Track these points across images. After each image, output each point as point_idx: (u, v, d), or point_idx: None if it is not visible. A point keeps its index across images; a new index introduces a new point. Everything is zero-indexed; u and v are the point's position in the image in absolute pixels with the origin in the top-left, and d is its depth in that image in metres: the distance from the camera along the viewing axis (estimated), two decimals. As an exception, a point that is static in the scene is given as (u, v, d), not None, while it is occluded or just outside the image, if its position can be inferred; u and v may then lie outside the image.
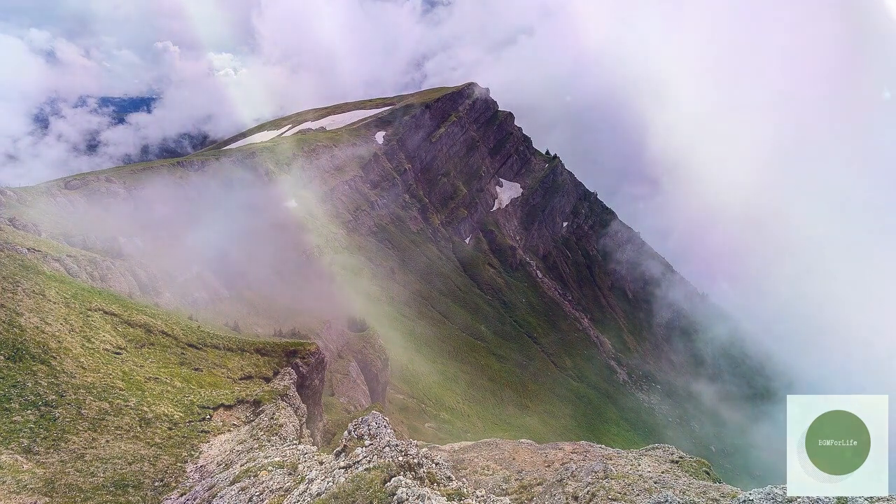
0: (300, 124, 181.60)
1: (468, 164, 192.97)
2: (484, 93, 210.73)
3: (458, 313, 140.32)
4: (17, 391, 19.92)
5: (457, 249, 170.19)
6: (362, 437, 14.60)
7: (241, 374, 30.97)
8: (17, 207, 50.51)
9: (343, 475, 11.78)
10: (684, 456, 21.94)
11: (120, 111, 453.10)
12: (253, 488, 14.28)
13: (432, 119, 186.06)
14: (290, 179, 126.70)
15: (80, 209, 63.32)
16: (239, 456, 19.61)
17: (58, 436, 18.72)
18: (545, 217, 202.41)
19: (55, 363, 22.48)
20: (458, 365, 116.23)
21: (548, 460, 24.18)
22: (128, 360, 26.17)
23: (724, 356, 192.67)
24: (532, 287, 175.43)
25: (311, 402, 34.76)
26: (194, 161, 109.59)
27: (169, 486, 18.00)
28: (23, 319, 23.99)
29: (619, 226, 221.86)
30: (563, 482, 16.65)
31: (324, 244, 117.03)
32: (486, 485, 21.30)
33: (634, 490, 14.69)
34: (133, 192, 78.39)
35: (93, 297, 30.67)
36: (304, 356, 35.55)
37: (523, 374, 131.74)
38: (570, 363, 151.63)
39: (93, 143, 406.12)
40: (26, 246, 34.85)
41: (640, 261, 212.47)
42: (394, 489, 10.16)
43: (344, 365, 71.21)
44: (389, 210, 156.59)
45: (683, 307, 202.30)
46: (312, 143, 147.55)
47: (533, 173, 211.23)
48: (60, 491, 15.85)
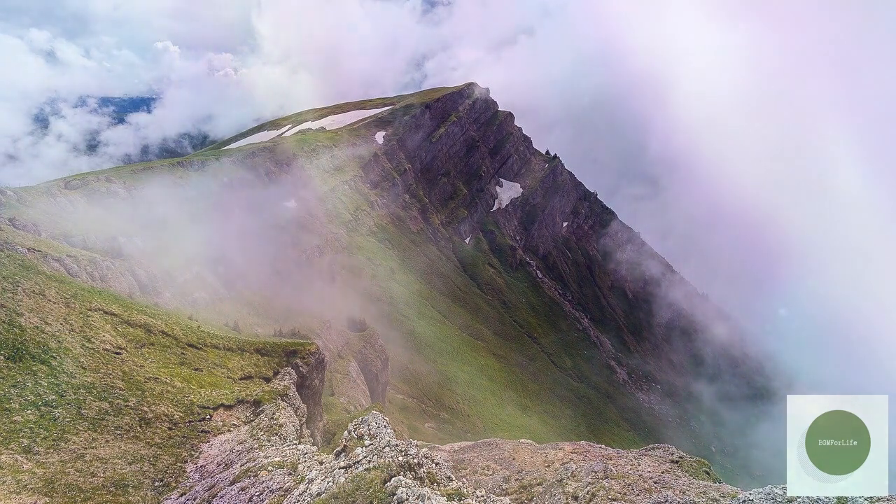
0: (300, 124, 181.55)
1: (468, 164, 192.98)
2: (484, 93, 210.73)
3: (458, 313, 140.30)
4: (17, 391, 19.92)
5: (457, 249, 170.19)
6: (362, 437, 14.60)
7: (241, 374, 30.96)
8: (17, 207, 50.49)
9: (343, 475, 11.78)
10: (684, 456, 21.94)
11: (120, 111, 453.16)
12: (253, 488, 14.28)
13: (432, 119, 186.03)
14: (290, 179, 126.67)
15: (80, 209, 63.27)
16: (239, 456, 19.61)
17: (58, 436, 18.72)
18: (545, 217, 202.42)
19: (55, 363, 22.48)
20: (458, 365, 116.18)
21: (548, 460, 24.18)
22: (128, 360, 26.16)
23: (724, 356, 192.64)
24: (532, 287, 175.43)
25: (311, 402, 34.76)
26: (194, 161, 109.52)
27: (169, 486, 18.00)
28: (23, 319, 24.00)
29: (619, 226, 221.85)
30: (563, 482, 16.65)
31: (324, 244, 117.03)
32: (486, 485, 21.29)
33: (634, 490, 14.69)
34: (133, 192, 78.34)
35: (93, 297, 30.67)
36: (304, 356, 35.55)
37: (523, 374, 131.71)
38: (570, 363, 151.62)
39: (93, 143, 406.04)
40: (26, 246, 34.85)
41: (640, 261, 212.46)
42: (394, 489, 10.16)
43: (344, 365, 71.19)
44: (389, 210, 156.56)
45: (683, 307, 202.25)
46: (312, 143, 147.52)
47: (533, 173, 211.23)
48: (60, 491, 15.84)
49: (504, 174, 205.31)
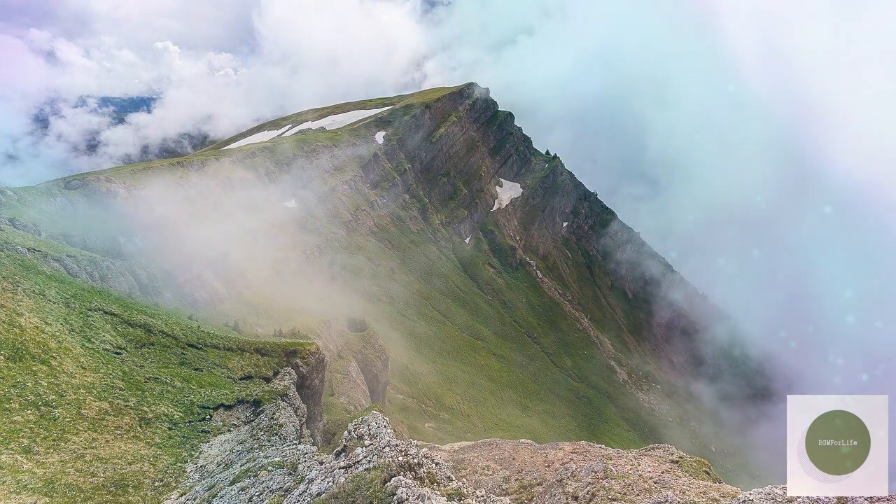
0: (300, 124, 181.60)
1: (468, 164, 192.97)
2: (484, 93, 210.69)
3: (458, 313, 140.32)
4: (17, 391, 19.91)
5: (457, 249, 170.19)
6: (362, 437, 14.59)
7: (241, 374, 30.97)
8: (17, 207, 50.50)
9: (343, 475, 11.78)
10: (684, 456, 21.92)
11: (120, 111, 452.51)
12: (253, 488, 14.29)
13: (432, 119, 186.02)
14: (290, 179, 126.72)
15: (80, 209, 63.30)
16: (239, 456, 19.62)
17: (58, 436, 18.72)
18: (545, 217, 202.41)
19: (55, 363, 22.48)
20: (458, 365, 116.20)
21: (548, 460, 24.17)
22: (128, 360, 26.17)
23: (724, 356, 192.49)
24: (532, 287, 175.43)
25: (311, 402, 34.77)
26: (194, 161, 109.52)
27: (169, 486, 18.00)
28: (23, 319, 23.99)
29: (619, 226, 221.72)
30: (563, 482, 16.65)
31: (324, 244, 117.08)
32: (486, 485, 21.29)
33: (634, 490, 14.69)
34: (133, 192, 78.34)
35: (93, 297, 30.67)
36: (304, 356, 35.56)
37: (523, 374, 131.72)
38: (570, 363, 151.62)
39: (93, 143, 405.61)
40: (26, 246, 34.86)
41: (640, 261, 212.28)
42: (394, 489, 10.16)
43: (344, 365, 71.19)
44: (389, 210, 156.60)
45: (683, 307, 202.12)
46: (312, 143, 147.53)
47: (533, 173, 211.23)
48: (60, 491, 15.84)
49: (504, 174, 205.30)
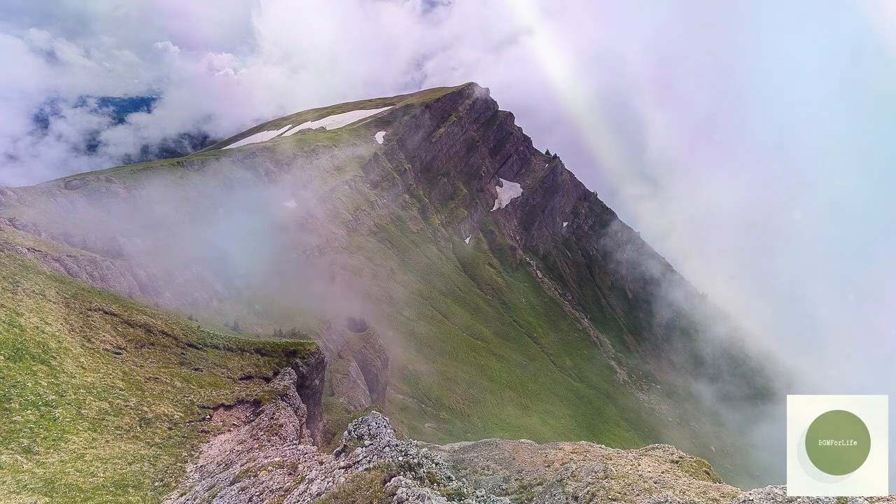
0: (300, 124, 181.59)
1: (468, 164, 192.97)
2: (484, 93, 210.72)
3: (458, 313, 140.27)
4: (17, 391, 19.91)
5: (457, 249, 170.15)
6: (362, 437, 14.59)
7: (241, 374, 30.96)
8: (17, 207, 50.51)
9: (343, 475, 11.78)
10: (684, 456, 21.93)
11: (120, 111, 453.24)
12: (253, 488, 14.28)
13: (432, 119, 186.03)
14: (290, 179, 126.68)
15: (80, 209, 63.29)
16: (239, 456, 19.62)
17: (58, 436, 18.72)
18: (545, 217, 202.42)
19: (55, 363, 22.48)
20: (458, 365, 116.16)
21: (548, 460, 24.18)
22: (128, 360, 26.17)
23: (724, 356, 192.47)
24: (532, 287, 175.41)
25: (311, 402, 34.75)
26: (194, 161, 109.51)
27: (169, 486, 18.00)
28: (23, 319, 23.99)
29: (619, 226, 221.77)
30: (563, 482, 16.65)
31: (324, 244, 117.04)
32: (486, 485, 21.30)
33: (634, 490, 14.69)
34: (133, 192, 78.33)
35: (93, 297, 30.67)
36: (304, 356, 35.54)
37: (523, 374, 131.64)
38: (570, 363, 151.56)
39: (93, 143, 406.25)
40: (26, 246, 34.86)
41: (640, 261, 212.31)
42: (394, 489, 10.16)
43: (344, 365, 71.20)
44: (389, 210, 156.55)
45: (683, 307, 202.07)
46: (312, 143, 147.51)
47: (533, 173, 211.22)
48: (60, 491, 15.84)
49: (504, 174, 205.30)
